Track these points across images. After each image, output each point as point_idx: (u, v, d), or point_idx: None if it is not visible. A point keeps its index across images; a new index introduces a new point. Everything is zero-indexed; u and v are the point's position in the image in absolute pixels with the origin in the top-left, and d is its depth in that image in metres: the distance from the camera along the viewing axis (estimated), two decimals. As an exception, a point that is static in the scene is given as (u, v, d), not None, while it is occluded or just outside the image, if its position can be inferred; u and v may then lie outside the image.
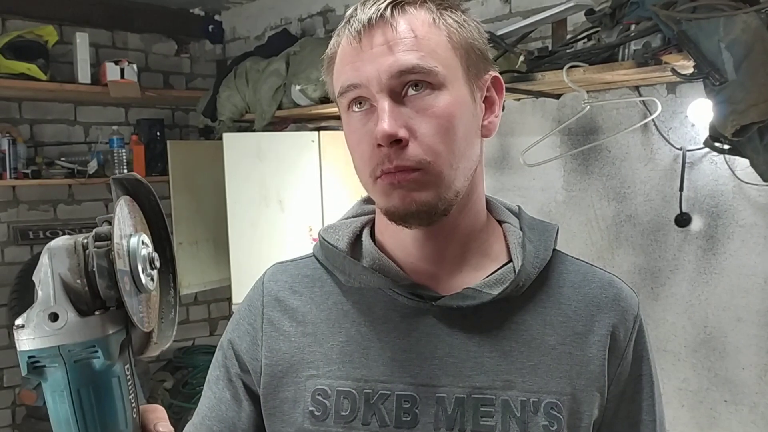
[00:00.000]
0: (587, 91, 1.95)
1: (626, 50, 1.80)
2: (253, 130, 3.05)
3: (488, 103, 0.77)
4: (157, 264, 0.53)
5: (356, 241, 0.82)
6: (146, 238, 0.53)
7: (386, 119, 0.68)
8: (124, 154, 3.40)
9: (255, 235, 2.80)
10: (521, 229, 0.81)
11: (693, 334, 2.00)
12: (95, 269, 0.48)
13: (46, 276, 0.48)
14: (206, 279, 3.38)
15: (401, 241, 0.77)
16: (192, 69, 3.89)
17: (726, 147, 1.65)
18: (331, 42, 0.75)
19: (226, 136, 2.81)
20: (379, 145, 0.69)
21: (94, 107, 3.55)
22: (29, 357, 0.48)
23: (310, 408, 0.76)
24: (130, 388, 0.52)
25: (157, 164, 3.48)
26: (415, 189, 0.70)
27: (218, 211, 3.05)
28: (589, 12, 1.91)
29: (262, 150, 2.80)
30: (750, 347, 1.89)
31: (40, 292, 0.48)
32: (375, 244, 0.80)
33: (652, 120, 2.01)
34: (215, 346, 0.91)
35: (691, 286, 1.99)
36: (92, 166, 3.32)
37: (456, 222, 0.76)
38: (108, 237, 0.49)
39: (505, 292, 0.75)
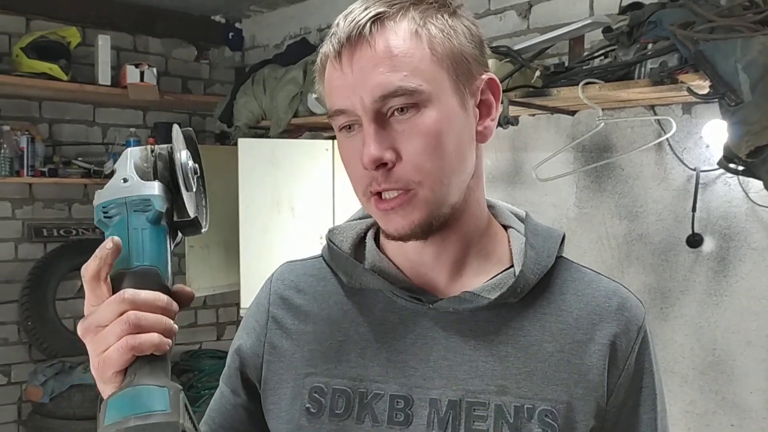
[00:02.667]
0: (602, 109, 1.95)
1: (642, 69, 1.80)
2: (269, 137, 3.07)
3: (484, 107, 0.75)
4: (197, 173, 0.69)
5: (360, 243, 0.83)
6: (189, 155, 0.68)
7: (370, 144, 0.68)
8: (140, 156, 3.43)
9: (266, 241, 2.81)
10: (525, 235, 0.80)
11: (701, 357, 1.98)
12: (158, 158, 0.66)
13: (123, 162, 0.65)
14: (216, 283, 3.39)
15: (401, 247, 0.78)
16: (211, 75, 3.93)
17: (740, 168, 1.64)
18: (320, 52, 0.74)
19: (241, 141, 2.83)
20: (366, 168, 0.70)
21: (112, 109, 3.60)
22: (103, 207, 0.63)
23: (307, 405, 0.77)
24: (170, 248, 0.65)
25: (172, 167, 3.50)
26: (408, 211, 0.71)
27: (230, 216, 3.06)
28: (607, 30, 1.92)
29: (276, 156, 2.82)
30: (759, 371, 1.87)
31: (117, 172, 0.64)
32: (378, 246, 0.81)
33: (667, 139, 2.01)
34: (222, 351, 0.93)
35: (700, 308, 1.98)
36: (108, 166, 3.36)
37: (454, 229, 0.76)
38: (169, 151, 0.67)
39: (503, 297, 0.75)
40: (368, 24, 0.69)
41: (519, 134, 2.42)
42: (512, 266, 0.78)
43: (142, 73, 3.26)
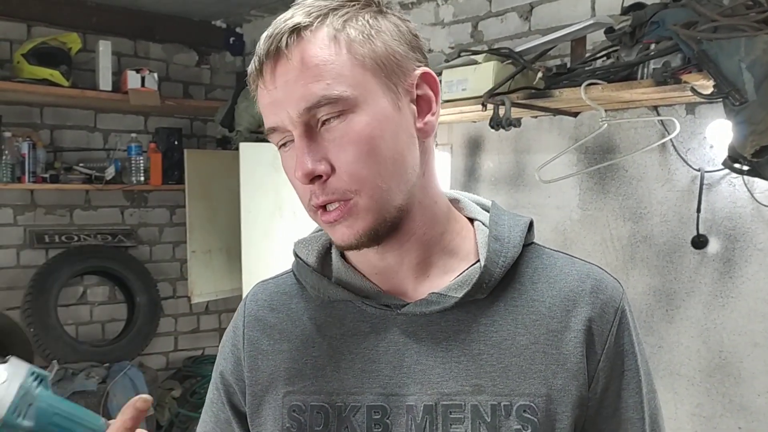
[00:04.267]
0: (605, 110, 1.94)
1: (645, 69, 1.79)
2: (270, 141, 3.06)
3: (422, 102, 0.73)
4: None
5: (326, 254, 0.81)
6: None
7: (301, 158, 0.67)
8: (141, 161, 3.43)
9: (268, 246, 2.80)
10: (488, 226, 0.78)
11: (708, 359, 1.96)
12: None
13: None
14: (218, 288, 3.39)
15: (363, 255, 0.76)
16: (212, 80, 3.93)
17: (745, 168, 1.63)
18: (248, 71, 0.73)
19: (242, 145, 2.82)
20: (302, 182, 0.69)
21: (113, 115, 3.59)
22: None
23: (287, 425, 0.76)
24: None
25: (173, 172, 3.51)
26: (352, 221, 0.70)
27: (232, 221, 3.06)
28: (609, 30, 1.91)
29: (278, 160, 2.79)
30: (766, 373, 1.85)
31: None
32: (343, 257, 0.79)
33: (671, 140, 2.00)
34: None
35: (706, 310, 1.96)
36: (110, 172, 3.35)
37: (410, 229, 0.74)
38: None
39: (470, 294, 0.73)
40: (284, 38, 0.67)
41: (521, 136, 2.41)
42: (478, 261, 0.76)
43: (143, 79, 3.25)
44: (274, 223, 2.83)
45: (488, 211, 0.81)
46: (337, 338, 0.77)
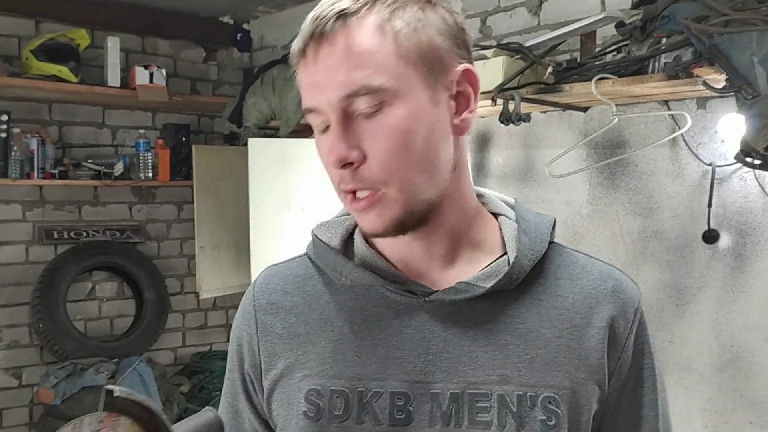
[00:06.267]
0: (616, 104, 1.93)
1: (656, 63, 1.78)
2: (278, 137, 3.06)
3: (461, 98, 0.73)
4: None
5: (349, 238, 0.81)
6: None
7: (336, 143, 0.68)
8: (149, 157, 3.43)
9: (276, 241, 2.80)
10: (516, 222, 0.79)
11: (719, 354, 1.96)
12: None
13: None
14: (226, 284, 3.39)
15: (389, 242, 0.77)
16: (219, 76, 3.93)
17: (757, 162, 1.62)
18: (291, 49, 0.73)
19: (251, 141, 2.82)
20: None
21: (122, 111, 3.60)
22: None
23: (303, 409, 0.76)
24: None
25: (181, 168, 3.51)
26: (380, 211, 0.70)
27: (240, 217, 3.06)
28: (620, 25, 1.90)
29: (287, 156, 2.81)
30: (778, 368, 1.85)
31: None
32: (367, 241, 0.79)
33: (681, 135, 1.99)
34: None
35: (717, 304, 1.96)
36: (118, 168, 3.36)
37: (439, 222, 0.75)
38: None
39: (499, 285, 0.74)
40: (331, 21, 0.67)
41: (531, 131, 2.40)
42: (505, 254, 0.77)
43: (151, 75, 3.26)
44: (282, 219, 2.83)
45: (512, 208, 0.82)
46: (358, 323, 0.77)
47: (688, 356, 2.02)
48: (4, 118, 3.05)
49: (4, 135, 3.05)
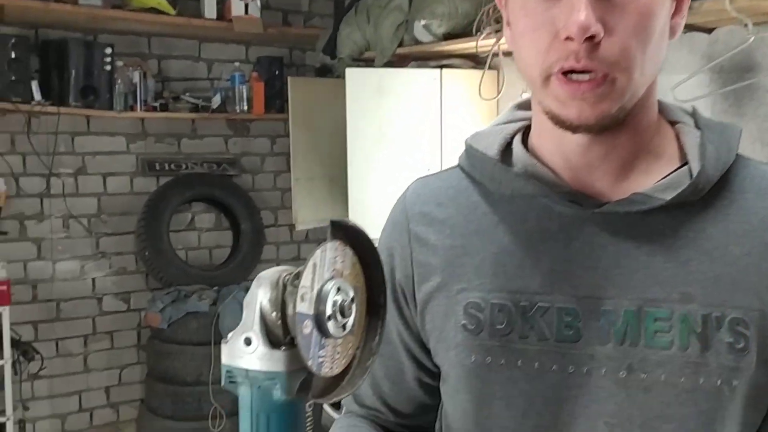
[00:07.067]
0: (753, 23, 1.77)
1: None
2: (376, 66, 3.01)
3: (680, 1, 0.69)
4: (352, 312, 0.53)
5: (507, 148, 0.76)
6: (346, 285, 0.53)
7: (583, 9, 0.60)
8: (244, 90, 3.46)
9: (372, 173, 2.79)
10: (699, 129, 0.72)
11: None
12: (287, 307, 0.51)
13: (251, 302, 0.51)
14: (320, 216, 3.43)
15: (561, 146, 0.71)
16: (310, 8, 3.88)
17: None
18: None
19: (348, 70, 2.79)
20: (567, 38, 0.62)
21: (216, 44, 3.63)
22: (227, 371, 0.52)
23: (463, 321, 0.73)
24: (308, 425, 0.54)
25: (275, 101, 3.53)
26: (599, 99, 0.63)
27: (334, 149, 3.06)
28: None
29: (384, 86, 2.76)
30: None
31: (244, 315, 0.52)
32: (528, 151, 0.74)
33: (824, 55, 1.82)
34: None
35: None
36: (215, 101, 3.41)
37: (626, 123, 0.68)
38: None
39: (681, 197, 0.67)
40: None
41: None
42: (684, 165, 0.70)
43: (246, 6, 3.25)
44: (379, 151, 2.80)
45: (690, 115, 0.75)
46: (519, 235, 0.72)
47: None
48: (108, 51, 3.13)
49: (108, 68, 3.13)
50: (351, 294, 0.52)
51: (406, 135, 2.79)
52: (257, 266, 3.77)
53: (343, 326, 0.52)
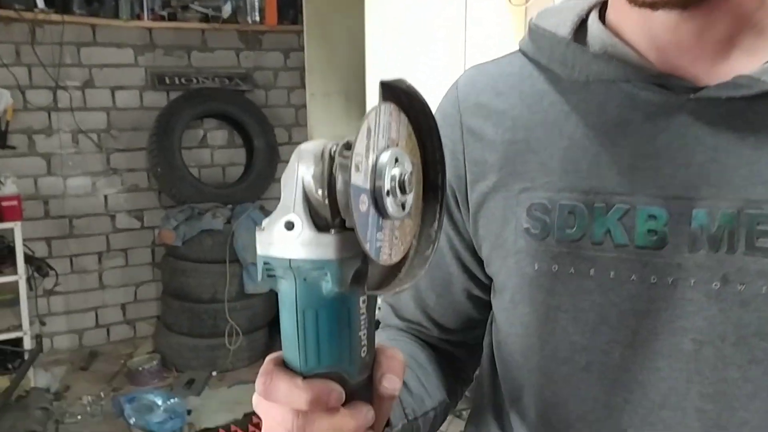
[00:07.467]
0: None
1: None
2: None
3: None
4: (411, 188, 0.44)
5: (581, 27, 0.65)
6: (404, 156, 0.43)
7: None
8: (256, 0, 3.29)
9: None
10: None
11: None
12: (336, 182, 0.41)
13: (289, 180, 0.42)
14: (336, 133, 3.32)
15: (645, 24, 0.60)
16: None
17: None
18: None
19: (368, -23, 2.62)
20: None
21: (226, -51, 3.43)
22: (264, 263, 0.43)
23: (525, 225, 0.64)
24: (362, 323, 0.46)
25: (288, 11, 3.36)
26: None
27: (352, 62, 2.92)
28: None
29: (406, -6, 2.60)
30: None
31: (282, 197, 0.42)
32: (607, 28, 0.64)
33: None
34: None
35: None
36: (226, 10, 3.25)
37: None
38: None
39: None
40: None
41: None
42: None
43: None
44: (399, 64, 2.67)
45: None
46: (595, 127, 0.62)
47: None
48: (113, -46, 2.96)
49: (113, -27, 2.97)
50: (409, 168, 0.43)
51: (428, 46, 2.65)
52: (272, 185, 3.70)
53: (402, 205, 0.43)
